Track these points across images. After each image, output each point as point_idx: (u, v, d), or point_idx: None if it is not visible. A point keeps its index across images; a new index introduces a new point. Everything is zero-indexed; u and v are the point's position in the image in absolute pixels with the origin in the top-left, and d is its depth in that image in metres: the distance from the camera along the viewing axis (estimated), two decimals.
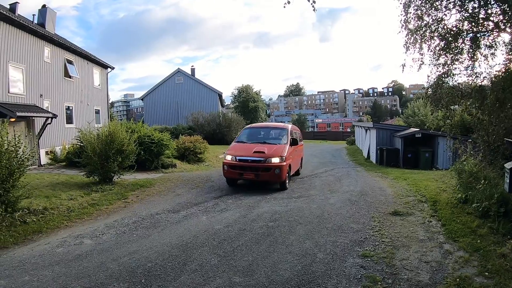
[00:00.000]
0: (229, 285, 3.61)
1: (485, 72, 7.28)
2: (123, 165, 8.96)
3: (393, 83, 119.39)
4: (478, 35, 7.11)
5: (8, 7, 12.96)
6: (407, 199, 7.49)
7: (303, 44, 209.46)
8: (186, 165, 13.72)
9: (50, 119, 12.65)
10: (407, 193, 8.14)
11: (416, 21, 7.48)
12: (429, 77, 7.93)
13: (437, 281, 3.64)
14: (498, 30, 6.93)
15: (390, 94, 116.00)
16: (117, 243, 4.94)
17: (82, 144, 9.49)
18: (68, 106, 15.85)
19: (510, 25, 6.71)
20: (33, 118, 12.39)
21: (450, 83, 7.75)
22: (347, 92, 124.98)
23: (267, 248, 4.65)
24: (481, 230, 4.91)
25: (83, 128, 9.15)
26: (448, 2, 7.10)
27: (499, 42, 7.08)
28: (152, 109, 31.28)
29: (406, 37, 7.71)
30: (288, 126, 10.70)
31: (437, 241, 4.83)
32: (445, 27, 7.24)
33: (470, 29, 7.09)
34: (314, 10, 5.24)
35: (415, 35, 7.54)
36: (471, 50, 7.16)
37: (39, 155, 12.23)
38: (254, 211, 6.70)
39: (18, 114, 10.40)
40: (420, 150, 15.00)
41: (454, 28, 7.14)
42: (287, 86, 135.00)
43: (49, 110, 13.39)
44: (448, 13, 7.18)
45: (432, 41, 7.48)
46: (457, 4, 7.06)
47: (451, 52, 7.24)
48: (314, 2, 5.10)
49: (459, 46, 7.20)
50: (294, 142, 10.02)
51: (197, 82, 31.86)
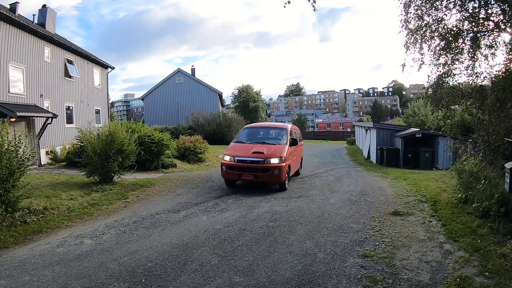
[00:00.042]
0: (230, 285, 3.61)
1: (486, 72, 7.30)
2: (123, 165, 8.97)
3: (394, 83, 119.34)
4: (479, 35, 7.12)
5: (8, 7, 12.98)
6: (407, 199, 7.49)
7: (303, 44, 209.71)
8: (187, 165, 13.73)
9: (50, 119, 12.66)
10: (407, 193, 8.14)
11: (417, 21, 7.49)
12: (430, 77, 7.95)
13: (438, 281, 3.64)
14: (499, 30, 6.94)
15: (391, 94, 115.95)
16: (118, 243, 4.94)
17: (82, 144, 9.49)
18: (68, 106, 15.87)
19: (510, 25, 6.71)
20: (33, 118, 12.41)
21: (451, 83, 7.76)
22: (347, 92, 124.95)
23: (268, 248, 4.65)
24: (482, 230, 4.91)
25: (83, 128, 9.15)
26: (449, 2, 7.11)
27: (499, 42, 7.11)
28: (152, 109, 31.29)
29: (407, 37, 7.72)
30: (288, 126, 10.53)
31: (438, 241, 4.83)
32: (446, 27, 7.25)
33: (471, 29, 7.10)
34: (315, 10, 5.25)
35: (416, 35, 7.55)
36: (472, 50, 7.16)
37: (39, 155, 12.25)
38: (255, 211, 6.70)
39: (19, 114, 10.41)
40: (421, 150, 14.99)
41: (455, 28, 7.15)
42: (287, 86, 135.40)
43: (49, 110, 13.40)
44: (449, 13, 7.21)
45: (433, 41, 7.49)
46: (457, 4, 7.07)
47: (452, 52, 7.25)
48: (315, 2, 5.10)
49: (460, 46, 7.21)
50: (294, 142, 9.84)
51: (198, 82, 31.85)
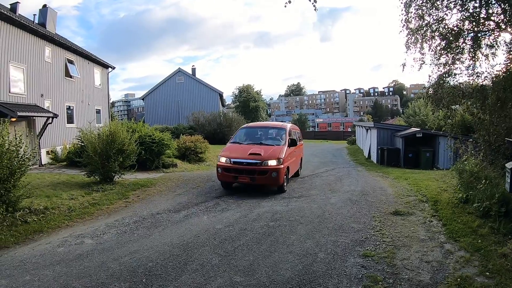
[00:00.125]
0: (230, 285, 3.61)
1: (486, 72, 7.29)
2: (124, 165, 8.97)
3: (394, 83, 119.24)
4: (479, 35, 7.11)
5: (9, 7, 12.97)
6: (408, 199, 7.49)
7: (304, 44, 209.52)
8: (187, 165, 13.72)
9: (51, 119, 12.67)
10: (408, 193, 8.13)
11: (417, 21, 7.49)
12: (430, 77, 7.95)
13: (438, 281, 3.64)
14: (499, 30, 6.93)
15: (391, 94, 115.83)
16: (118, 243, 4.95)
17: (83, 144, 9.50)
18: (69, 106, 15.87)
19: (511, 25, 6.70)
20: (34, 118, 12.41)
21: (451, 83, 7.75)
22: (348, 92, 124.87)
23: (268, 248, 4.66)
24: (482, 230, 4.91)
25: (84, 128, 9.16)
26: (449, 2, 7.11)
27: (500, 42, 7.11)
28: (153, 109, 31.28)
29: (407, 37, 7.72)
30: (287, 126, 10.18)
31: (438, 241, 4.83)
32: (446, 27, 7.25)
33: (471, 29, 7.09)
34: (315, 10, 5.23)
35: (416, 35, 7.55)
36: (472, 50, 7.16)
37: (40, 155, 12.26)
38: (255, 211, 6.70)
39: (19, 114, 10.42)
40: (421, 150, 14.98)
41: (455, 28, 7.15)
42: (288, 86, 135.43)
43: (50, 110, 13.41)
44: (449, 13, 7.20)
45: (433, 41, 7.50)
46: (458, 4, 7.06)
47: (452, 52, 7.24)
48: (315, 2, 5.08)
49: (460, 46, 7.20)
50: (293, 143, 9.43)
51: (198, 82, 31.84)
